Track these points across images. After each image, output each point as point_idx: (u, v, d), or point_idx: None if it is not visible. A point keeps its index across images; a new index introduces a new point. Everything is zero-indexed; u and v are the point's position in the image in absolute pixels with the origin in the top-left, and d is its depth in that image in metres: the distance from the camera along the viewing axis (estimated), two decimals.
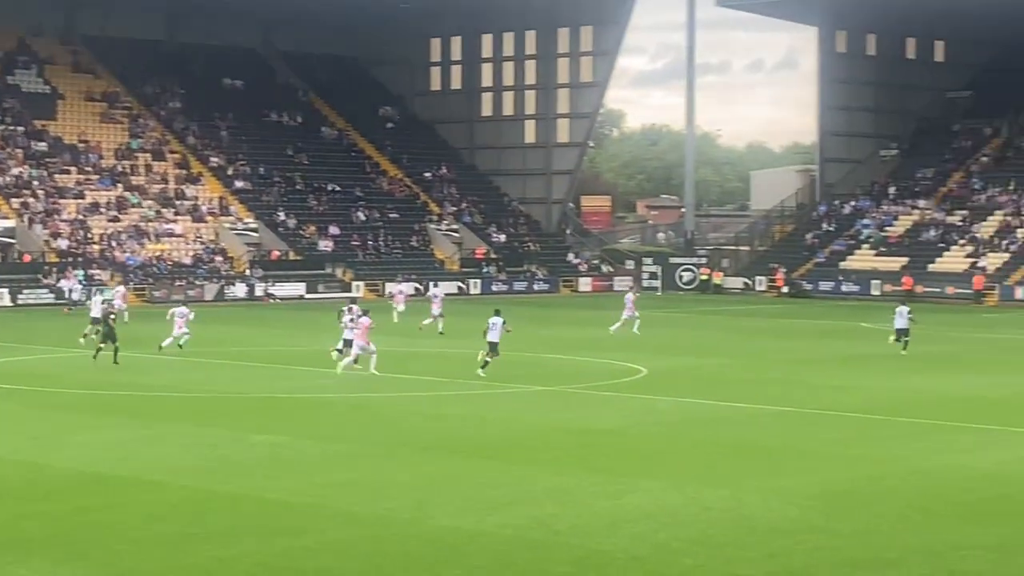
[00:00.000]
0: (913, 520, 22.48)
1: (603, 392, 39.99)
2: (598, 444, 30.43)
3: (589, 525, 21.90)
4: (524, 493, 24.43)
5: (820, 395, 38.98)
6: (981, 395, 39.29)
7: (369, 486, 25.18)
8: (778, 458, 28.60)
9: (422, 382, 42.16)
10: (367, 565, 19.34)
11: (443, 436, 31.37)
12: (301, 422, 33.68)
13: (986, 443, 30.77)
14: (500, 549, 20.29)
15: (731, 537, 21.16)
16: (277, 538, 20.91)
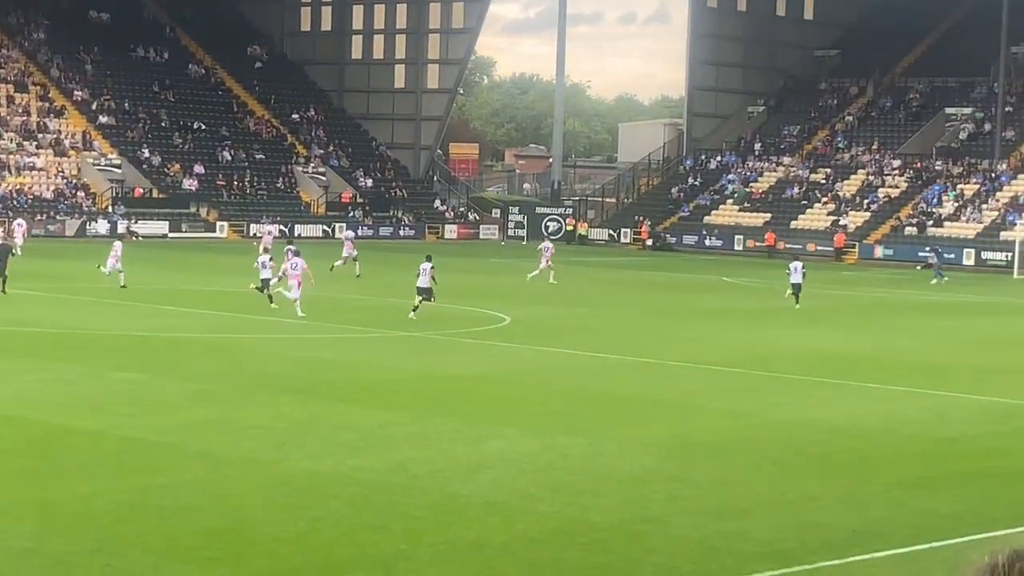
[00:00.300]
0: (767, 471, 22.83)
1: (466, 339, 40.10)
2: (459, 391, 30.53)
3: (448, 470, 21.99)
4: (384, 437, 24.47)
5: (681, 347, 39.36)
6: (838, 351, 39.92)
7: (228, 426, 25.07)
8: (637, 408, 28.88)
9: (285, 324, 41.99)
10: (225, 505, 19.29)
11: (304, 379, 31.29)
12: (161, 360, 33.42)
13: (840, 397, 31.29)
14: (359, 492, 20.32)
15: (588, 485, 21.36)
16: (134, 476, 20.78)
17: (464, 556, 17.20)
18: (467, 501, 19.97)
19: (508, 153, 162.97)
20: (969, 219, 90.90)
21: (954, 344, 43.16)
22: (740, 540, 18.40)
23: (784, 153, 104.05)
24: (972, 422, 28.48)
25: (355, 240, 65.44)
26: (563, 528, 18.71)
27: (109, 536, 17.42)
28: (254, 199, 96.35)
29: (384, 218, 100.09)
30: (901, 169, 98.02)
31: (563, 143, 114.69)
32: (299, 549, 17.19)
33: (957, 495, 21.55)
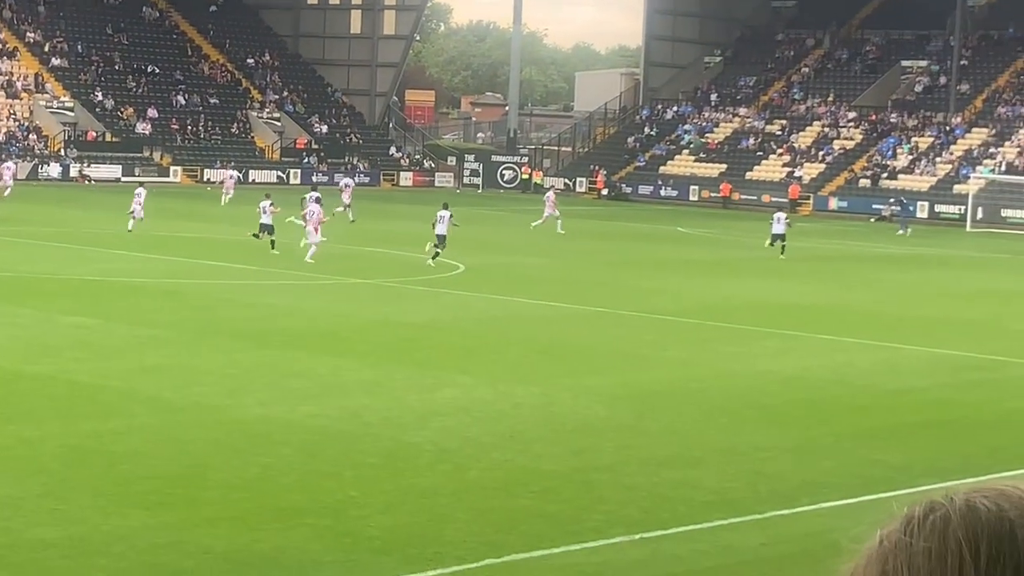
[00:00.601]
0: (718, 421, 22.92)
1: (419, 287, 40.06)
2: (412, 338, 30.51)
3: (400, 418, 22.00)
4: (336, 384, 24.45)
5: (635, 297, 39.41)
6: (791, 302, 40.07)
7: (180, 372, 24.99)
8: (590, 358, 28.93)
9: (239, 270, 41.85)
10: (176, 450, 19.23)
11: (256, 325, 31.21)
12: (112, 306, 33.26)
13: (792, 349, 31.43)
14: (310, 439, 20.31)
15: (540, 433, 21.41)
16: (84, 421, 20.69)
17: (415, 503, 17.22)
18: (419, 449, 19.98)
19: (464, 101, 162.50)
20: (923, 172, 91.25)
21: (906, 296, 43.37)
22: (691, 489, 18.49)
23: (740, 104, 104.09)
24: (922, 374, 28.66)
25: (353, 188, 65.87)
26: (514, 476, 18.75)
27: (57, 481, 17.36)
28: (208, 144, 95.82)
29: (339, 165, 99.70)
30: (856, 121, 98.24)
31: (519, 91, 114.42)
32: (250, 495, 17.18)
33: (906, 446, 21.69)
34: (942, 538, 1.46)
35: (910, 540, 1.47)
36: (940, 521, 1.47)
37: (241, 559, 14.71)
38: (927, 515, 1.48)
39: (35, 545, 14.85)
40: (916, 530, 1.47)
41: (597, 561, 15.32)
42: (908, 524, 1.48)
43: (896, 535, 1.48)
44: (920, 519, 1.48)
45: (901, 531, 1.48)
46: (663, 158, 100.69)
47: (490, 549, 15.41)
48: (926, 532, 1.47)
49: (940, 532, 1.46)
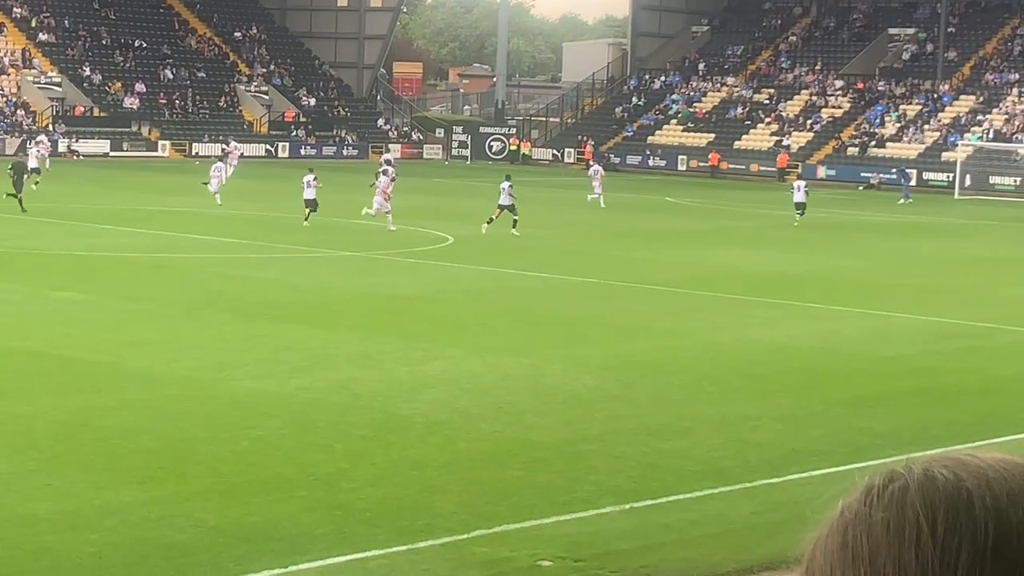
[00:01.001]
0: (707, 391, 22.99)
1: (409, 259, 40.08)
2: (402, 311, 30.55)
3: (390, 390, 22.05)
4: (326, 357, 24.49)
5: (624, 267, 39.47)
6: (779, 271, 40.13)
7: (170, 346, 25.02)
8: (580, 328, 28.97)
9: (228, 244, 41.86)
10: (167, 425, 19.28)
11: (247, 299, 31.22)
12: (102, 280, 33.27)
13: (781, 317, 31.49)
14: (301, 411, 20.36)
15: (530, 404, 21.46)
16: (75, 396, 20.73)
17: (405, 475, 17.28)
18: (409, 421, 20.04)
19: (452, 72, 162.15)
20: (911, 140, 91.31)
21: (895, 264, 43.46)
22: (680, 458, 18.56)
23: (728, 73, 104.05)
24: (910, 341, 28.74)
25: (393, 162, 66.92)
26: (505, 448, 18.82)
27: (49, 456, 17.40)
28: (196, 118, 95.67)
29: (327, 137, 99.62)
30: (844, 90, 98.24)
31: (507, 62, 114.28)
32: (241, 468, 17.23)
33: (894, 413, 21.78)
34: (900, 508, 1.49)
35: (869, 511, 1.50)
36: (898, 491, 1.50)
37: (232, 532, 14.77)
38: (886, 485, 1.51)
39: (27, 520, 14.90)
40: (875, 500, 1.51)
41: (588, 531, 15.39)
42: (868, 494, 1.52)
43: (856, 505, 1.52)
44: (879, 489, 1.51)
45: (861, 501, 1.52)
46: (651, 128, 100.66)
47: (481, 520, 15.48)
48: (884, 502, 1.50)
49: (898, 502, 1.49)
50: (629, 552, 14.75)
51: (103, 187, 62.92)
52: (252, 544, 14.43)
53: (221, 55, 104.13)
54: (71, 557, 13.87)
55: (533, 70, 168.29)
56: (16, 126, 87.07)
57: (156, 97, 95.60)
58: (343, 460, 17.78)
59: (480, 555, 14.41)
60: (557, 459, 18.33)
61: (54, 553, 13.97)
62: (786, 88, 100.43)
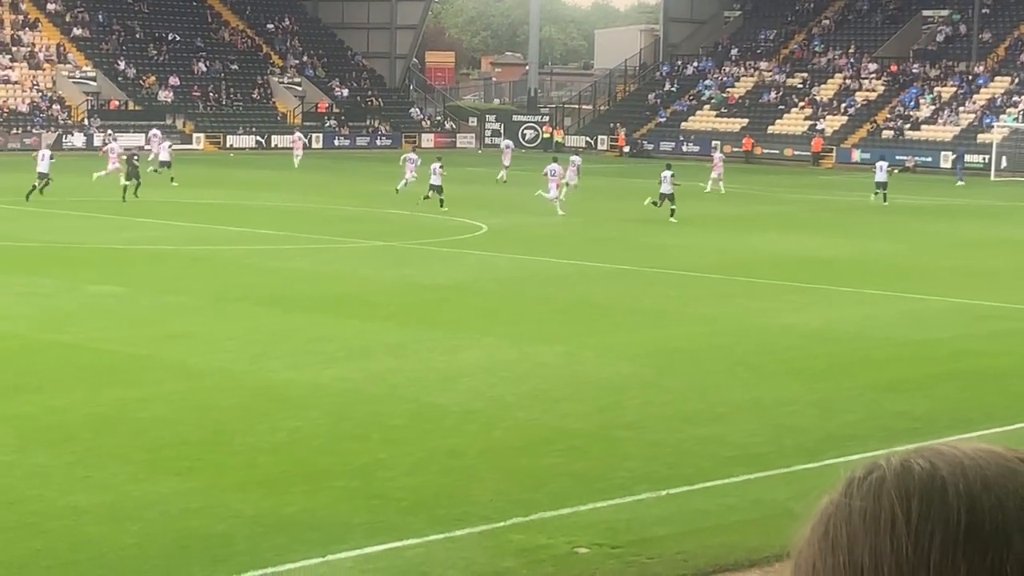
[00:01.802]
0: (742, 376, 22.98)
1: (443, 248, 40.14)
2: (437, 300, 30.60)
3: (425, 379, 22.10)
4: (361, 348, 24.56)
5: (657, 254, 39.44)
6: (814, 255, 40.05)
7: (205, 338, 25.13)
8: (613, 316, 28.99)
9: (264, 235, 41.98)
10: (203, 417, 19.38)
11: (281, 290, 31.32)
12: (137, 274, 33.41)
13: (815, 302, 31.43)
14: (337, 402, 20.43)
15: (565, 392, 21.49)
16: (111, 389, 20.85)
17: (442, 464, 17.34)
18: (444, 410, 20.09)
19: (484, 61, 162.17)
20: (946, 122, 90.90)
21: (929, 247, 43.31)
22: (715, 444, 18.57)
23: (761, 58, 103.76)
24: (946, 324, 28.67)
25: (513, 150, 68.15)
26: (540, 435, 18.86)
27: (88, 449, 17.52)
28: (230, 110, 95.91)
29: (360, 128, 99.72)
30: (878, 72, 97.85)
31: (539, 50, 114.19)
32: (278, 459, 17.32)
33: (930, 397, 21.74)
34: (876, 498, 1.52)
35: (848, 501, 1.54)
36: (876, 481, 1.54)
37: (270, 522, 14.86)
38: (866, 476, 1.55)
39: (68, 512, 15.02)
40: (855, 491, 1.55)
41: (624, 518, 15.43)
42: (848, 486, 1.56)
43: (837, 497, 1.56)
44: (859, 480, 1.55)
45: (842, 492, 1.56)
46: (684, 114, 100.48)
47: (517, 508, 15.53)
48: (863, 492, 1.54)
49: (875, 492, 1.53)
50: (665, 538, 14.78)
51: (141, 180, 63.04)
52: (290, 534, 14.51)
53: (254, 47, 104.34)
54: (112, 548, 13.98)
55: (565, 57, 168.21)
56: (52, 120, 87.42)
57: (190, 90, 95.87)
58: (379, 450, 17.84)
59: (517, 542, 14.46)
60: (592, 446, 18.36)
61: (95, 544, 14.08)
62: (819, 72, 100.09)
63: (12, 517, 14.83)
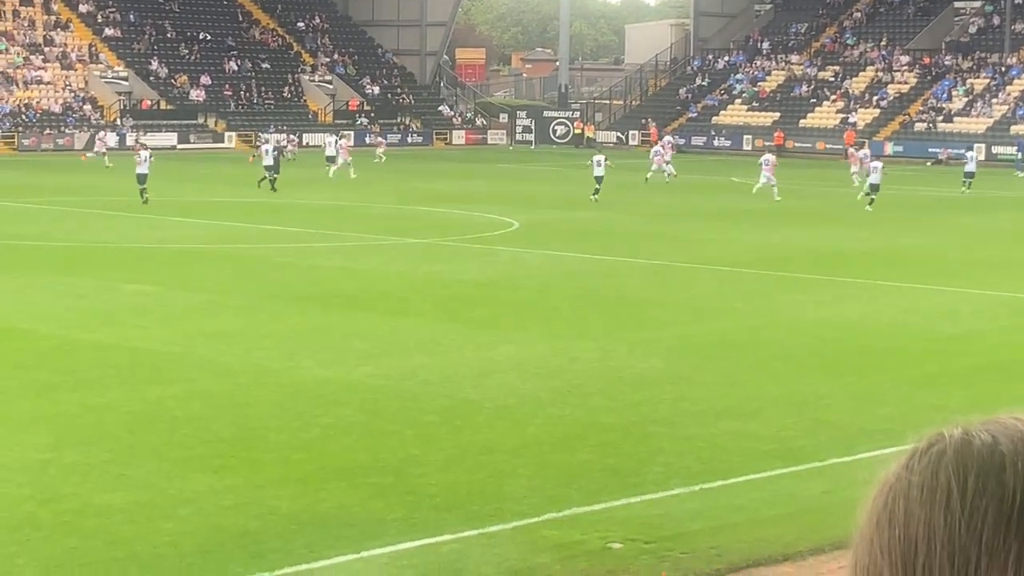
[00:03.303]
0: (776, 370, 22.92)
1: (475, 245, 40.14)
2: (469, 296, 30.61)
3: (458, 375, 22.11)
4: (394, 345, 24.57)
5: (690, 249, 39.38)
6: (848, 249, 39.92)
7: (240, 336, 25.18)
8: (646, 311, 28.95)
9: (297, 233, 42.06)
10: (238, 414, 19.42)
11: (314, 287, 31.37)
12: (171, 272, 33.51)
13: (850, 296, 31.33)
14: (370, 398, 20.45)
15: (597, 387, 21.47)
16: (147, 387, 20.90)
17: (475, 460, 17.34)
18: (477, 406, 20.09)
19: (515, 57, 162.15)
20: (979, 114, 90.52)
21: (965, 240, 43.13)
22: (749, 439, 18.53)
23: (792, 51, 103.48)
24: (981, 317, 28.55)
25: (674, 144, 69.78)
26: (573, 431, 18.84)
27: (123, 447, 17.58)
28: (261, 109, 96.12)
29: (391, 125, 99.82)
30: (910, 65, 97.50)
31: (569, 46, 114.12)
32: (312, 456, 17.34)
33: (966, 390, 21.64)
34: (934, 472, 1.51)
35: (908, 475, 1.53)
36: (936, 455, 1.52)
37: (305, 519, 14.88)
38: (927, 449, 1.54)
39: (103, 510, 15.06)
40: (915, 464, 1.53)
41: (657, 513, 15.40)
42: (911, 458, 1.54)
43: (899, 469, 1.55)
44: (920, 453, 1.54)
45: (904, 465, 1.54)
46: (715, 108, 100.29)
47: (550, 503, 15.52)
48: (922, 466, 1.52)
49: (933, 466, 1.51)
50: (699, 533, 14.75)
51: (171, 180, 63.27)
52: (324, 530, 14.53)
53: (285, 45, 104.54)
54: (147, 546, 14.01)
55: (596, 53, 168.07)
56: (84, 120, 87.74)
57: (221, 89, 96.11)
58: (413, 446, 17.85)
59: (551, 538, 14.45)
60: (626, 442, 18.34)
61: (130, 543, 14.11)
62: (851, 65, 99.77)
63: (48, 515, 14.89)
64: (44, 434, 18.13)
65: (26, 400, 20.03)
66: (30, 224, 43.51)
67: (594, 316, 28.09)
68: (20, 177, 61.13)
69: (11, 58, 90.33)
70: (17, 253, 36.77)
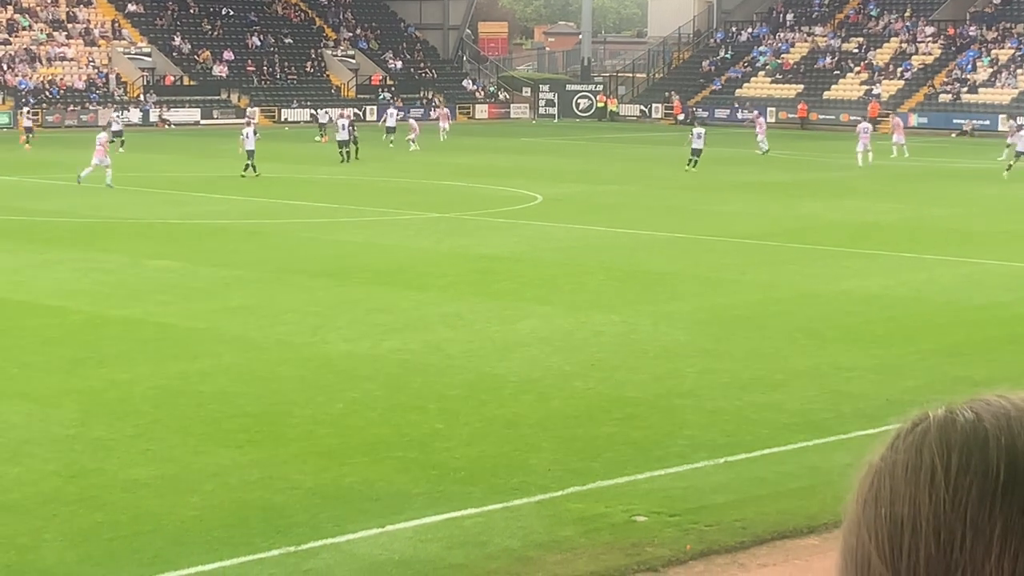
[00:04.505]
0: (800, 343, 22.92)
1: (498, 219, 40.14)
2: (493, 270, 30.63)
3: (482, 349, 22.15)
4: (418, 319, 24.62)
5: (713, 221, 39.34)
6: (871, 221, 39.83)
7: (264, 311, 25.25)
8: (670, 283, 28.94)
9: (320, 208, 42.11)
10: (264, 389, 19.49)
11: (338, 262, 31.42)
12: (196, 248, 33.60)
13: (874, 268, 31.28)
14: (394, 373, 20.50)
15: (622, 361, 21.49)
16: (173, 362, 20.99)
17: (500, 434, 17.38)
18: (502, 380, 20.13)
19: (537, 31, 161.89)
20: (1004, 84, 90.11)
21: (988, 211, 43.00)
22: (774, 411, 18.54)
23: (815, 23, 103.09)
24: (1005, 288, 28.49)
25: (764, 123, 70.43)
26: (598, 404, 18.87)
27: (149, 421, 17.66)
28: (284, 84, 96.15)
29: (414, 99, 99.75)
30: (934, 36, 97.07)
31: (592, 19, 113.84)
32: (337, 430, 17.40)
33: (991, 361, 21.62)
34: (918, 451, 1.52)
35: (893, 455, 1.54)
36: (919, 434, 1.53)
37: (330, 493, 14.94)
38: (912, 428, 1.55)
39: (129, 485, 15.15)
40: (900, 444, 1.54)
41: (682, 486, 15.43)
42: (895, 439, 1.55)
43: (885, 450, 1.55)
44: (905, 433, 1.55)
45: (889, 446, 1.55)
46: (739, 81, 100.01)
47: (575, 477, 15.56)
48: (906, 445, 1.53)
49: (917, 445, 1.52)
50: (724, 506, 14.78)
51: (195, 155, 63.46)
52: (349, 505, 14.59)
53: (307, 20, 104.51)
54: (172, 520, 14.09)
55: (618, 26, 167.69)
56: (108, 97, 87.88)
57: (244, 64, 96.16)
58: (437, 420, 17.90)
59: (575, 511, 14.49)
60: (650, 414, 18.36)
61: (156, 517, 14.19)
62: (875, 36, 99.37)
63: (74, 490, 14.97)
64: (71, 409, 18.23)
65: (53, 376, 20.13)
66: (55, 200, 43.64)
67: (618, 289, 28.09)
68: (44, 154, 61.25)
69: (34, 35, 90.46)
70: (43, 229, 36.90)
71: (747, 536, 13.96)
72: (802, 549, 13.83)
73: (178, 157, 62.10)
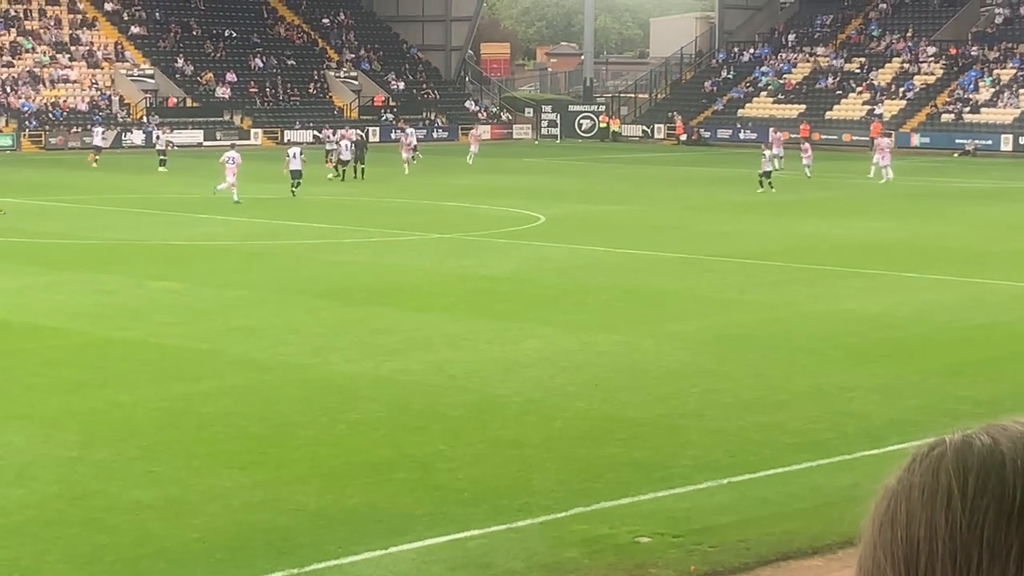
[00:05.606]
0: (803, 363, 22.91)
1: (500, 239, 40.15)
2: (495, 291, 30.63)
3: (485, 370, 22.14)
4: (421, 339, 24.61)
5: (715, 241, 39.33)
6: (873, 241, 39.84)
7: (267, 332, 25.25)
8: (672, 304, 28.94)
9: (322, 229, 42.13)
10: (266, 410, 19.48)
11: (341, 283, 31.42)
12: (199, 269, 33.61)
13: (876, 287, 31.26)
14: (397, 393, 20.50)
15: (624, 381, 21.48)
16: (175, 383, 20.99)
17: (503, 454, 17.36)
18: (505, 400, 20.12)
19: (539, 51, 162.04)
20: (1006, 104, 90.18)
21: (990, 231, 42.99)
22: (777, 432, 18.52)
23: (817, 43, 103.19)
24: (1007, 308, 28.48)
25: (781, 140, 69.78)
26: (601, 425, 18.85)
27: (152, 443, 17.65)
28: (287, 105, 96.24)
29: (416, 120, 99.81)
30: (936, 56, 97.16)
31: (594, 40, 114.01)
32: (339, 451, 17.39)
33: (994, 381, 21.60)
34: (935, 473, 1.52)
35: (909, 477, 1.54)
36: (936, 457, 1.54)
37: (333, 515, 14.92)
38: (928, 452, 1.55)
39: (132, 507, 15.13)
40: (917, 467, 1.55)
41: (685, 506, 15.41)
42: (912, 462, 1.56)
43: (901, 473, 1.56)
44: (922, 457, 1.56)
45: (905, 469, 1.56)
46: (741, 101, 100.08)
47: (579, 497, 15.54)
48: (923, 468, 1.54)
49: (934, 468, 1.53)
50: (728, 526, 14.76)
51: (198, 176, 63.43)
52: (352, 526, 14.57)
53: (310, 42, 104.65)
54: (175, 543, 14.08)
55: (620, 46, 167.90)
56: (111, 119, 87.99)
57: (247, 86, 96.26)
58: (440, 441, 17.89)
59: (579, 532, 14.47)
60: (653, 435, 18.35)
61: (159, 539, 14.18)
62: (877, 56, 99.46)
63: (77, 512, 14.96)
64: (73, 431, 18.22)
65: (55, 397, 20.13)
66: (58, 222, 43.67)
67: (620, 310, 28.09)
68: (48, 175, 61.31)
69: (38, 57, 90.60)
70: (44, 251, 36.93)
71: (751, 557, 13.94)
72: (806, 570, 13.80)
73: (181, 178, 62.14)
